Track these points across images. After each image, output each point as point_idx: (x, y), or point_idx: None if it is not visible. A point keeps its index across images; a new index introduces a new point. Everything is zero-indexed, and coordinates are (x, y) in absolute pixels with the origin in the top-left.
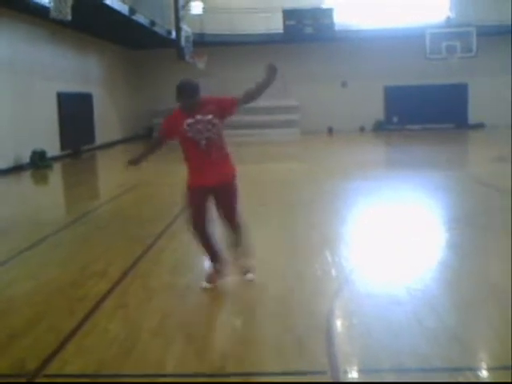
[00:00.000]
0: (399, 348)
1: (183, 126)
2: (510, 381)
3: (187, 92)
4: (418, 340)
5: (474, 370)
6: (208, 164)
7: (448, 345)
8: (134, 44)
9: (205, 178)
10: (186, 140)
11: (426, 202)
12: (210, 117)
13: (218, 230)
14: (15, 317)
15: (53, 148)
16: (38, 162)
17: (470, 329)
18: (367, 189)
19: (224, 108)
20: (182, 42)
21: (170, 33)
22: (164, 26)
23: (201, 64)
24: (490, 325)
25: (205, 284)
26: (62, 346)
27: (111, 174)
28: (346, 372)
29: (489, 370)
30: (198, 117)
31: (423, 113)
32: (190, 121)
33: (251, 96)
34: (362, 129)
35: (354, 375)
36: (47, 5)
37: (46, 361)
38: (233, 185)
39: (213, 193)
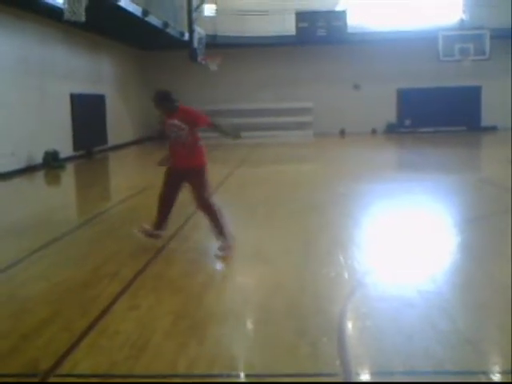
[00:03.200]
0: (412, 351)
1: (167, 124)
2: None
3: (166, 98)
4: (431, 343)
5: (486, 373)
6: (178, 155)
7: (461, 348)
8: (147, 45)
9: (175, 163)
10: (166, 135)
11: (438, 205)
12: (179, 123)
13: None
14: (29, 317)
15: (65, 149)
16: (51, 163)
17: (482, 332)
18: (379, 191)
19: (196, 122)
20: (195, 43)
21: (182, 34)
22: (177, 27)
23: (213, 66)
24: (502, 328)
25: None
26: (74, 346)
27: (123, 175)
28: (358, 374)
29: (502, 373)
30: (175, 121)
31: (436, 115)
32: (169, 121)
33: (217, 129)
34: (373, 131)
35: (365, 377)
36: (61, 6)
37: (59, 361)
38: (199, 172)
39: (182, 177)
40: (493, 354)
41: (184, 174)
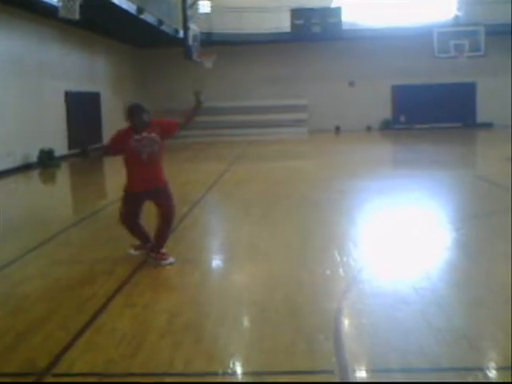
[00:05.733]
0: (407, 347)
1: (139, 139)
2: None
3: (139, 112)
4: (426, 340)
5: (482, 369)
6: (148, 175)
7: (456, 344)
8: (142, 43)
9: (146, 184)
10: (130, 153)
11: (434, 202)
12: (155, 135)
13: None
14: (25, 315)
15: (60, 147)
16: (46, 161)
17: (478, 328)
18: (375, 188)
19: (170, 130)
20: (190, 41)
21: (177, 32)
22: (171, 25)
23: (208, 63)
24: (498, 324)
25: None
26: (70, 344)
27: (119, 173)
28: (354, 371)
29: (497, 369)
30: (152, 134)
31: (431, 112)
32: (143, 135)
33: (190, 119)
34: (368, 128)
35: (362, 375)
36: (55, 4)
37: (55, 359)
38: (166, 190)
39: (150, 196)
40: (489, 351)
41: (153, 193)
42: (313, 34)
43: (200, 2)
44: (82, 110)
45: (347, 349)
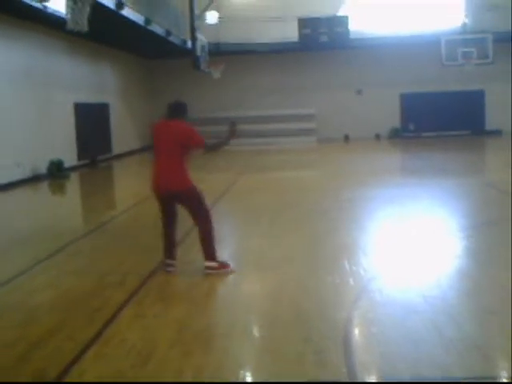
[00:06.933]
0: (418, 357)
1: None
2: None
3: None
4: (437, 349)
5: (493, 379)
6: None
7: (467, 354)
8: (150, 54)
9: None
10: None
11: (443, 210)
12: None
13: None
14: (35, 326)
15: (70, 158)
16: (56, 172)
17: (488, 337)
18: (385, 197)
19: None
20: (198, 51)
21: (185, 42)
22: (179, 35)
23: (216, 73)
24: (509, 333)
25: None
26: (80, 355)
27: (128, 183)
28: (364, 381)
29: (509, 378)
30: None
31: (439, 120)
32: None
33: (217, 147)
34: (377, 136)
35: None
36: (64, 16)
37: (65, 370)
38: None
39: None
40: (500, 360)
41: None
42: (320, 43)
43: (207, 13)
44: (91, 121)
45: (357, 358)
